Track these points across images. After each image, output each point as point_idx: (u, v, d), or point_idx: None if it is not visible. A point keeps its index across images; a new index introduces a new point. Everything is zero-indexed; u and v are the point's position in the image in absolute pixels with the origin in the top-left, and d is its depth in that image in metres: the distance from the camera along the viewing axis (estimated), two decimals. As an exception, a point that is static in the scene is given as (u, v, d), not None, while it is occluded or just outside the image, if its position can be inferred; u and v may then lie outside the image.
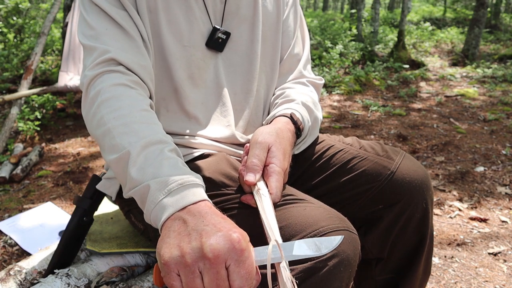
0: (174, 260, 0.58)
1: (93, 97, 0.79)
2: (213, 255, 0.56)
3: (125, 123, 0.73)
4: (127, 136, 0.71)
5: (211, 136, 0.95)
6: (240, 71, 1.00)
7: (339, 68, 6.30)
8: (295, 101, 0.98)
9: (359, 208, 0.97)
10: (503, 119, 4.00)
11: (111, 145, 0.73)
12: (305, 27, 1.14)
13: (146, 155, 0.69)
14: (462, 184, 2.57)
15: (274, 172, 0.78)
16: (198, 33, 0.94)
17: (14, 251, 1.88)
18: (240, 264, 0.57)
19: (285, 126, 0.89)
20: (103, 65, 0.81)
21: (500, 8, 12.25)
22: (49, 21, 3.79)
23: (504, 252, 1.85)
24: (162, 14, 0.90)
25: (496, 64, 7.08)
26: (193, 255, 0.57)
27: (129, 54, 0.83)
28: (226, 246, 0.57)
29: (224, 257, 0.57)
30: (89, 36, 0.85)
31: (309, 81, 1.10)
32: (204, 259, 0.57)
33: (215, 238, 0.57)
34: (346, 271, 0.69)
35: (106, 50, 0.82)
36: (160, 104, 0.95)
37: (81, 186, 2.63)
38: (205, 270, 0.57)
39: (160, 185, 0.66)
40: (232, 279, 0.57)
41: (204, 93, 0.96)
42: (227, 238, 0.57)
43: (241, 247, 0.58)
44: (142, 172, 0.68)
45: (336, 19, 11.58)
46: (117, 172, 0.74)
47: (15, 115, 3.43)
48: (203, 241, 0.57)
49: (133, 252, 1.01)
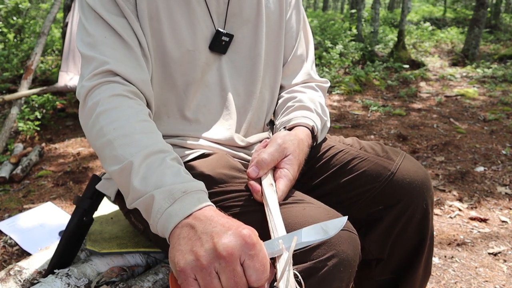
0: (190, 265, 0.58)
1: (91, 107, 0.78)
2: (227, 253, 0.57)
3: (125, 134, 0.73)
4: (128, 147, 0.71)
5: (211, 138, 0.95)
6: (244, 73, 1.00)
7: (339, 68, 6.30)
8: (311, 109, 0.99)
9: (359, 208, 0.97)
10: (503, 119, 4.00)
11: (112, 156, 0.72)
12: (309, 28, 1.13)
13: (148, 165, 0.70)
14: (462, 184, 2.57)
15: (286, 176, 0.79)
16: (201, 37, 0.93)
17: (14, 251, 1.88)
18: (254, 258, 0.58)
19: (306, 139, 0.91)
20: (100, 75, 0.81)
21: (500, 8, 12.25)
22: (49, 21, 3.79)
23: (504, 252, 1.85)
24: (164, 20, 0.89)
25: (496, 64, 7.08)
26: (208, 256, 0.58)
27: (127, 66, 0.83)
28: (238, 242, 0.58)
29: (238, 253, 0.58)
30: (88, 44, 0.84)
31: (318, 85, 1.10)
32: (219, 258, 0.57)
33: (226, 237, 0.58)
34: (346, 271, 0.69)
35: (105, 61, 0.81)
36: (161, 111, 0.94)
37: (81, 186, 2.63)
38: (221, 270, 0.58)
39: (164, 194, 0.66)
40: (248, 274, 0.58)
41: (208, 96, 0.96)
42: (238, 234, 0.58)
43: (253, 241, 0.59)
44: (145, 182, 0.68)
45: (336, 19, 11.57)
46: (119, 183, 0.73)
47: (15, 115, 3.43)
48: (215, 242, 0.58)
49: (133, 252, 1.01)
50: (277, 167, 0.81)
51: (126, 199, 0.73)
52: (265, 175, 0.79)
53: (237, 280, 0.58)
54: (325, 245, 0.68)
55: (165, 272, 0.98)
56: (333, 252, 0.68)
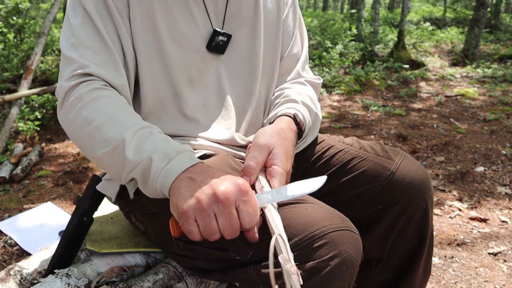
0: (192, 207, 0.66)
1: (72, 103, 0.82)
2: (225, 198, 0.65)
3: (110, 118, 0.78)
4: (116, 129, 0.77)
5: (211, 138, 0.95)
6: (243, 73, 1.00)
7: (339, 68, 6.30)
8: (296, 101, 0.98)
9: (359, 208, 0.97)
10: (503, 119, 4.01)
11: (102, 140, 0.77)
12: (304, 27, 1.13)
13: (138, 138, 0.76)
14: (462, 184, 2.57)
15: (277, 173, 0.79)
16: (198, 36, 0.93)
17: (14, 251, 1.88)
18: (247, 203, 0.66)
19: (288, 126, 0.90)
20: (79, 76, 0.84)
21: (500, 8, 12.25)
22: (49, 21, 3.79)
23: (504, 252, 1.85)
24: (161, 18, 0.89)
25: (496, 64, 7.08)
26: (208, 200, 0.65)
27: (106, 71, 0.85)
28: (234, 189, 0.66)
29: (234, 198, 0.66)
30: (71, 44, 0.86)
31: (307, 80, 1.09)
32: (218, 202, 0.65)
33: (224, 184, 0.66)
34: (348, 271, 0.69)
35: (85, 65, 0.84)
36: (159, 110, 0.94)
37: (81, 186, 2.63)
38: (219, 212, 0.66)
39: (160, 156, 0.73)
40: (242, 217, 0.66)
41: (205, 95, 0.96)
42: (234, 183, 0.67)
43: (246, 188, 0.67)
44: (139, 151, 0.74)
45: (336, 19, 11.57)
46: (110, 164, 0.78)
47: (15, 115, 3.43)
48: (215, 188, 0.66)
49: (133, 252, 1.01)
50: (266, 166, 0.81)
51: (119, 178, 0.78)
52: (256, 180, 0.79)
53: (232, 222, 0.66)
54: (327, 245, 0.68)
55: (165, 272, 0.98)
56: (335, 252, 0.68)
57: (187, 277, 0.99)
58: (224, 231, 0.66)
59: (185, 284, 0.98)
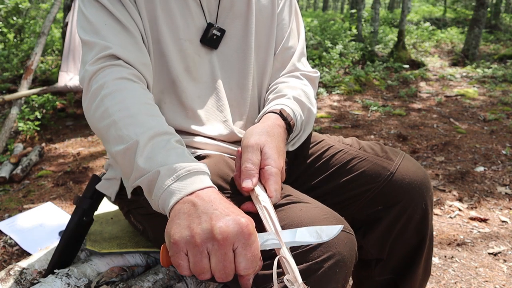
0: (184, 239, 0.60)
1: (96, 90, 0.80)
2: (222, 237, 0.59)
3: (131, 115, 0.75)
4: (133, 127, 0.73)
5: (210, 135, 0.95)
6: (236, 66, 1.00)
7: (339, 68, 6.29)
8: (286, 96, 0.96)
9: (359, 209, 0.97)
10: (503, 119, 4.00)
11: (117, 136, 0.74)
12: (301, 20, 1.12)
13: (153, 145, 0.71)
14: (462, 184, 2.57)
15: (271, 174, 0.77)
16: (193, 28, 0.94)
17: (14, 251, 1.88)
18: (247, 247, 0.60)
19: (274, 122, 0.88)
20: (103, 59, 0.82)
21: (500, 8, 12.24)
22: (49, 21, 3.79)
23: (504, 252, 1.85)
24: (159, 7, 0.91)
25: (496, 64, 7.08)
26: (203, 235, 0.59)
27: (128, 50, 0.84)
28: (235, 229, 0.59)
29: (233, 239, 0.59)
30: (89, 30, 0.85)
31: (303, 74, 1.07)
32: (213, 240, 0.59)
33: (224, 221, 0.60)
34: (342, 272, 0.69)
35: (107, 46, 0.82)
36: (159, 97, 0.95)
37: (81, 186, 2.63)
38: (213, 251, 0.60)
39: (168, 171, 0.67)
40: (238, 261, 0.60)
41: (200, 87, 0.96)
42: (236, 222, 0.60)
43: (249, 231, 0.60)
44: (150, 161, 0.70)
45: (336, 19, 11.57)
46: (122, 163, 0.75)
47: (15, 115, 3.43)
48: (213, 223, 0.60)
49: (133, 252, 1.01)
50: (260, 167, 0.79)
51: (127, 179, 0.75)
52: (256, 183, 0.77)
53: (226, 265, 0.60)
54: (322, 246, 0.68)
55: (165, 272, 0.98)
56: (330, 253, 0.68)
57: (187, 277, 0.99)
58: (216, 273, 0.60)
59: (185, 284, 0.98)
